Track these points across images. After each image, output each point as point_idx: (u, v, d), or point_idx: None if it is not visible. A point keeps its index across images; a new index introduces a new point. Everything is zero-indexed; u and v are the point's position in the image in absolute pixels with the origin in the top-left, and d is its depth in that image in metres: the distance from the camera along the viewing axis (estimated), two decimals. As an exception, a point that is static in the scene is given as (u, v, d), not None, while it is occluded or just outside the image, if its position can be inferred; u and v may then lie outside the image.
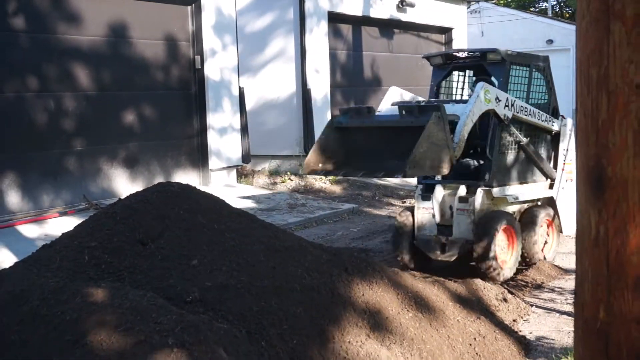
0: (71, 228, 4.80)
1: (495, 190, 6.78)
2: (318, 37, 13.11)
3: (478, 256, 6.38)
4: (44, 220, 8.58)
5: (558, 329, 5.32)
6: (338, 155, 6.46)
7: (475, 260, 6.43)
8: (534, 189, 7.36)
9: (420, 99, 7.72)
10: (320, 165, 6.51)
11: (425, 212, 6.91)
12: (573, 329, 1.99)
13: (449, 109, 6.19)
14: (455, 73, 7.99)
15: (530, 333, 5.24)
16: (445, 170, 5.86)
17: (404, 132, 5.98)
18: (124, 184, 9.94)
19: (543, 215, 7.14)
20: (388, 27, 15.54)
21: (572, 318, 1.91)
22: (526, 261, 6.86)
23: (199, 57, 10.92)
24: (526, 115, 6.95)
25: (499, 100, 6.55)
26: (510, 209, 7.02)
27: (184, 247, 4.49)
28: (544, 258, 7.08)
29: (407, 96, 7.74)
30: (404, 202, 11.35)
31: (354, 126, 6.38)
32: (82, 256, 4.36)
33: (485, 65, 7.13)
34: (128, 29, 10.00)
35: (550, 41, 26.29)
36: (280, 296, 4.24)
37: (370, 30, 15.09)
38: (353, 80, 14.72)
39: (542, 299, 6.05)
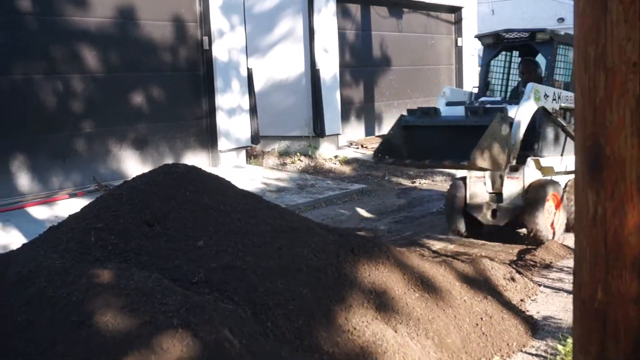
0: (78, 210, 4.82)
1: (543, 160, 7.31)
2: (326, 17, 13.05)
3: (527, 221, 7.00)
4: (53, 201, 8.62)
5: (566, 309, 5.30)
6: (404, 149, 7.06)
7: (525, 225, 7.10)
8: None
9: (475, 90, 8.20)
10: (387, 156, 7.02)
11: (478, 181, 7.42)
12: (572, 322, 1.99)
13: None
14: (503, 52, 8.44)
15: (538, 313, 5.23)
16: (503, 165, 6.48)
17: (468, 131, 6.55)
18: (133, 166, 9.97)
19: None
20: (397, 6, 15.45)
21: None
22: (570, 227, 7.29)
23: (206, 38, 10.90)
24: (570, 103, 7.25)
25: (547, 97, 7.00)
26: (556, 178, 7.44)
27: (189, 228, 4.50)
28: None
29: (460, 93, 8.15)
30: (413, 182, 11.33)
31: (420, 125, 7.02)
32: (89, 237, 4.38)
33: (534, 44, 7.58)
34: (135, 10, 9.98)
35: (561, 19, 26.11)
36: (286, 277, 4.25)
37: (379, 10, 15.00)
38: (362, 60, 14.66)
39: (550, 278, 6.04)
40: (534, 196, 7.05)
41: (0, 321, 3.68)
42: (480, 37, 8.14)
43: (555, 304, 5.43)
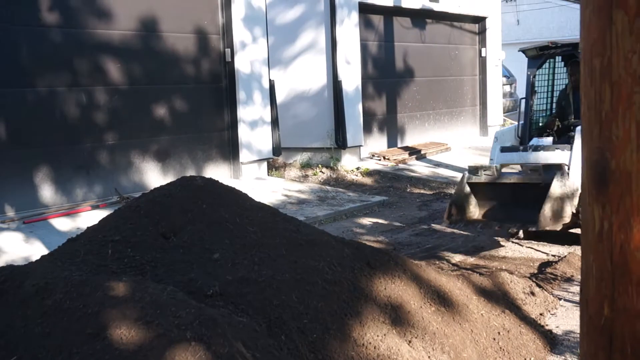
0: (96, 222, 4.86)
1: None
2: (349, 28, 13.07)
3: None
4: (76, 213, 8.70)
5: (586, 323, 5.23)
6: (470, 208, 7.54)
7: None
8: None
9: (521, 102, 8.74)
10: (458, 219, 7.51)
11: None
12: (579, 338, 1.96)
13: (555, 155, 7.28)
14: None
15: (557, 327, 5.17)
16: (567, 221, 6.77)
17: (529, 189, 7.06)
18: (155, 178, 10.03)
19: None
20: (420, 17, 15.44)
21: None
22: None
23: (229, 50, 10.96)
24: None
25: None
26: None
27: (206, 240, 4.51)
28: None
29: (509, 133, 8.60)
30: (435, 194, 11.27)
31: (483, 183, 7.42)
32: (106, 250, 4.41)
33: (577, 54, 7.89)
34: (158, 22, 10.07)
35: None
36: (301, 290, 4.24)
37: (402, 21, 15.00)
38: (384, 71, 14.66)
39: (571, 292, 5.96)
40: None
41: (16, 332, 3.71)
42: (525, 50, 8.49)
43: (575, 318, 5.36)
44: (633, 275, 1.73)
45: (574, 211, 6.75)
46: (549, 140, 7.98)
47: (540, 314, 5.28)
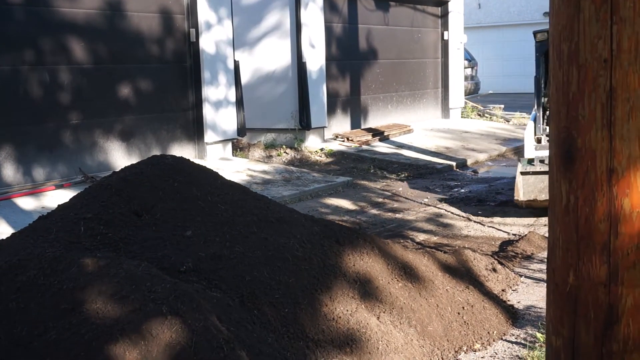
0: (67, 200, 4.88)
1: None
2: (313, 10, 13.11)
3: None
4: (40, 192, 8.66)
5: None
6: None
7: None
8: None
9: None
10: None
11: None
12: (545, 305, 2.09)
13: None
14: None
15: (519, 302, 5.35)
16: None
17: None
18: (120, 157, 10.01)
19: None
20: None
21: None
22: None
23: (194, 30, 10.94)
24: None
25: None
26: None
27: (178, 218, 4.58)
28: None
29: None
30: (398, 175, 11.43)
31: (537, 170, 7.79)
32: (78, 227, 4.44)
33: None
34: (123, 1, 10.01)
35: (547, 14, 26.22)
36: (272, 266, 4.34)
37: (366, 3, 15.09)
38: (348, 53, 14.74)
39: (531, 269, 6.16)
40: None
41: (-9, 308, 3.74)
42: (535, 33, 8.71)
43: (535, 294, 5.56)
44: (597, 245, 1.86)
45: None
46: None
47: (502, 290, 5.45)
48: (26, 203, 8.24)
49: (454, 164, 12.40)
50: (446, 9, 17.46)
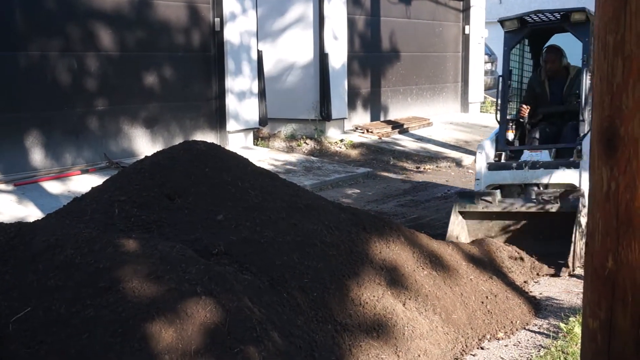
0: (92, 185, 4.99)
1: None
2: (337, 3, 13.16)
3: None
4: (66, 177, 8.79)
5: (568, 290, 5.49)
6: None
7: None
8: None
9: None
10: None
11: None
12: (582, 290, 2.16)
13: (561, 174, 6.31)
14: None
15: (540, 294, 5.42)
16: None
17: (538, 218, 6.02)
18: (143, 144, 10.13)
19: None
20: (406, -8, 15.58)
21: (581, 281, 2.07)
22: None
23: (218, 20, 11.02)
24: None
25: None
26: None
27: (209, 202, 4.67)
28: None
29: (491, 142, 7.26)
30: (418, 168, 11.49)
31: (479, 212, 6.27)
32: (112, 209, 4.54)
33: (567, 27, 6.80)
34: (149, -10, 10.11)
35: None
36: (301, 251, 4.42)
37: (389, -4, 15.12)
38: (370, 46, 14.78)
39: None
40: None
41: (29, 285, 3.85)
42: (503, 21, 7.35)
43: (557, 286, 5.61)
44: (636, 231, 1.92)
45: None
46: (545, 154, 6.78)
47: (525, 282, 5.52)
48: (53, 187, 8.37)
49: (473, 157, 12.43)
50: (468, 3, 17.45)
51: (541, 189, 6.37)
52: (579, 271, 5.89)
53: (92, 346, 3.33)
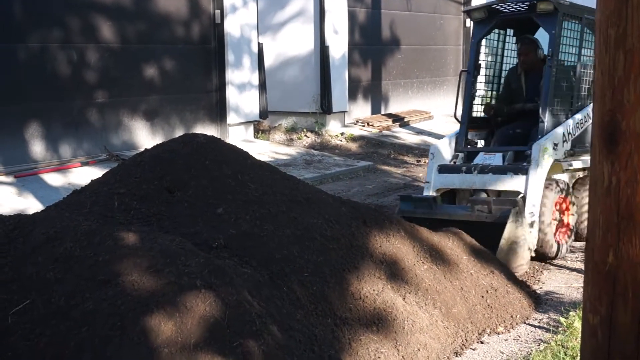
0: (92, 178, 4.98)
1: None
2: (337, -5, 13.14)
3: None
4: (66, 169, 8.78)
5: (568, 285, 5.49)
6: None
7: None
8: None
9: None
10: None
11: None
12: (582, 284, 2.15)
13: (508, 181, 5.92)
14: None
15: (541, 288, 5.41)
16: (525, 267, 5.68)
17: (474, 227, 5.67)
18: (144, 137, 10.11)
19: None
20: (407, -15, 15.53)
21: (582, 275, 2.05)
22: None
23: (219, 12, 10.99)
24: (581, 126, 6.48)
25: (556, 146, 6.09)
26: (564, 176, 6.41)
27: (209, 196, 4.66)
28: None
29: (447, 145, 6.83)
30: (418, 161, 11.48)
31: (418, 217, 5.90)
32: (112, 202, 4.54)
33: (535, 17, 6.43)
34: (150, -18, 10.08)
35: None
36: (301, 245, 4.41)
37: (390, -12, 15.08)
38: (371, 38, 14.75)
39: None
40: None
41: (29, 277, 3.84)
42: (469, 11, 7.00)
43: (557, 280, 5.61)
44: (637, 226, 1.91)
45: (532, 253, 5.73)
46: (498, 158, 6.38)
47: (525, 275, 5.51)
48: (53, 179, 8.36)
49: (474, 151, 12.41)
50: (470, -3, 17.41)
51: (490, 196, 6.06)
52: (580, 265, 5.88)
53: (91, 339, 3.33)
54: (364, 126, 13.77)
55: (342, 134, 12.96)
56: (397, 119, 14.43)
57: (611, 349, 2.00)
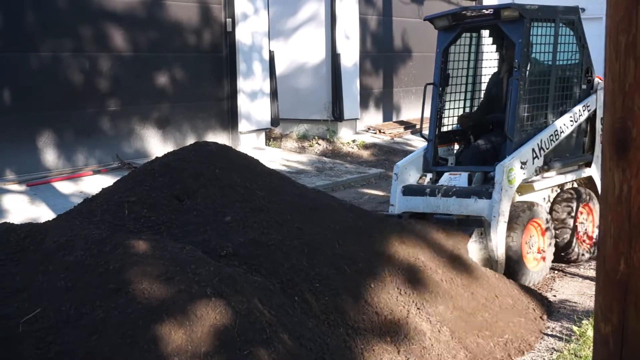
0: (104, 186, 4.99)
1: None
2: (349, 3, 13.13)
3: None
4: (78, 177, 8.81)
5: (580, 293, 5.45)
6: None
7: None
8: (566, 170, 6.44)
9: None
10: None
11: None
12: (595, 292, 2.12)
13: (472, 205, 5.54)
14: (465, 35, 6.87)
15: (554, 296, 5.37)
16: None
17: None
18: (155, 145, 10.14)
19: (583, 197, 6.27)
20: (419, -8, 15.53)
21: (595, 283, 2.02)
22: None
23: (230, 20, 11.03)
24: (557, 137, 6.10)
25: (524, 165, 5.72)
26: (538, 196, 6.13)
27: (217, 204, 4.66)
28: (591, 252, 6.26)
29: (414, 165, 6.52)
30: (430, 168, 11.44)
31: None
32: (122, 210, 4.55)
33: (501, 24, 6.01)
34: (161, -9, 10.13)
35: (582, 10, 25.96)
36: (310, 255, 4.39)
37: (401, -4, 15.08)
38: (382, 46, 14.75)
39: (566, 264, 6.16)
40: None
41: (39, 286, 3.84)
42: (431, 18, 6.45)
43: (570, 289, 5.57)
44: (649, 234, 1.89)
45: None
46: (463, 178, 6.08)
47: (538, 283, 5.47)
48: (65, 187, 8.39)
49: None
50: (480, 2, 17.36)
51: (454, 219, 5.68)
52: (593, 273, 5.84)
53: (101, 347, 3.33)
54: (375, 133, 13.76)
55: (353, 141, 12.95)
56: (409, 126, 14.40)
57: (623, 358, 1.97)
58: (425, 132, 6.65)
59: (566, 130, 6.19)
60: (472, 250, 5.25)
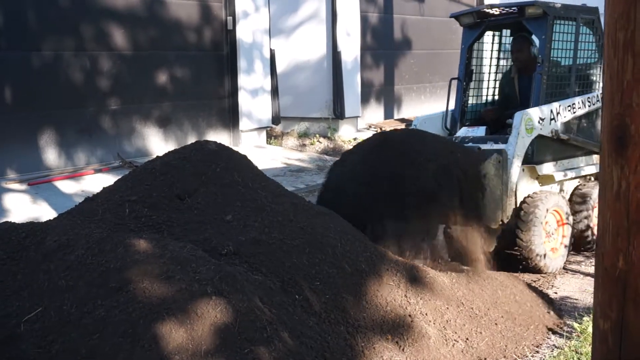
0: (106, 185, 4.99)
1: (540, 167, 6.07)
2: (349, 0, 13.13)
3: (521, 245, 5.69)
4: (80, 176, 8.81)
5: (582, 290, 5.45)
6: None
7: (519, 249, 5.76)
8: (586, 162, 6.63)
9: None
10: None
11: None
12: (593, 289, 2.13)
13: (488, 148, 5.69)
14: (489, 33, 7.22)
15: (555, 293, 5.38)
16: (494, 226, 5.49)
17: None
18: (156, 143, 10.14)
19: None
20: (419, -11, 15.52)
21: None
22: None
23: (230, 19, 11.02)
24: (574, 112, 6.27)
25: (542, 120, 5.90)
26: (557, 187, 6.28)
27: (218, 203, 4.66)
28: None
29: (435, 120, 6.89)
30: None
31: None
32: (123, 209, 4.55)
33: (524, 21, 6.30)
34: (162, -11, 10.13)
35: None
36: (311, 255, 4.39)
37: (402, -7, 15.07)
38: (383, 43, 14.74)
39: (567, 261, 6.16)
40: (528, 213, 5.64)
41: (40, 285, 3.85)
42: (457, 16, 6.83)
43: (571, 285, 5.57)
44: (648, 230, 1.89)
45: (503, 219, 5.47)
46: (481, 130, 6.31)
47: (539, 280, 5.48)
48: (66, 186, 8.40)
49: (487, 155, 12.36)
50: (482, 0, 17.35)
51: None
52: (593, 270, 5.83)
53: (102, 346, 3.34)
54: (376, 131, 13.74)
55: (354, 139, 12.94)
56: (410, 123, 14.39)
57: (622, 355, 1.98)
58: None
59: (583, 108, 6.34)
60: (488, 171, 5.35)
